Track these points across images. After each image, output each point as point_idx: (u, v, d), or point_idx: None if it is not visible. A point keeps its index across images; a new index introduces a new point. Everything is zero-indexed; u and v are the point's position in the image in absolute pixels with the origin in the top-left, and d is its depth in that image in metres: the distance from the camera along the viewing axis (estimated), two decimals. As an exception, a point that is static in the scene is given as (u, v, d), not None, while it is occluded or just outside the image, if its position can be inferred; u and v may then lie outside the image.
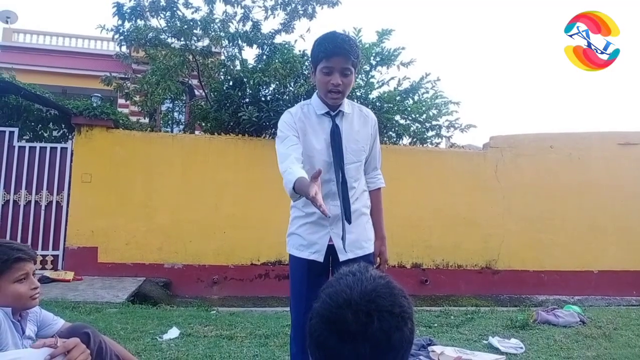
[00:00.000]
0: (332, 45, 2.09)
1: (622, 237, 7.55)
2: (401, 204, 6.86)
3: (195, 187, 6.91)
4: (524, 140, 7.74)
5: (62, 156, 6.81)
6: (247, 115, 6.89)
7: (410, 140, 8.48)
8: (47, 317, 2.15)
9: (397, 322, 0.92)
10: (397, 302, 0.94)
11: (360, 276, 0.98)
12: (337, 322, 0.91)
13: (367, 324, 0.89)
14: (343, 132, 2.21)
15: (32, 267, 1.96)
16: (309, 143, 2.19)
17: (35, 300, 1.96)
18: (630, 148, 7.78)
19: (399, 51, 7.97)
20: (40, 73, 13.36)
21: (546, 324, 4.33)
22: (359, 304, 0.91)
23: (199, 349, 3.44)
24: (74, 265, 6.45)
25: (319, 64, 2.13)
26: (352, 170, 2.21)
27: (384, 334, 0.90)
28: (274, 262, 6.88)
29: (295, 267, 2.27)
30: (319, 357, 0.95)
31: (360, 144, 2.25)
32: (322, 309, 0.96)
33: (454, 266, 7.33)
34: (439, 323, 4.52)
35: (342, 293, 0.94)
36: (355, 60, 2.13)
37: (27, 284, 1.91)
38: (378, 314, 0.90)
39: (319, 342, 0.94)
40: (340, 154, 2.17)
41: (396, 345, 0.91)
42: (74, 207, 6.64)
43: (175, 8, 7.72)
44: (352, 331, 0.89)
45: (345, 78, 2.12)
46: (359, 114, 2.32)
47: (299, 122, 2.22)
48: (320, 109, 2.23)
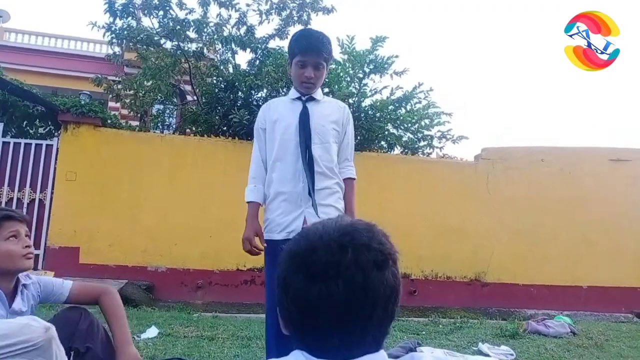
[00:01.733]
0: (307, 42, 2.33)
1: (612, 253, 7.50)
2: (391, 212, 6.77)
3: (183, 189, 6.78)
4: (515, 153, 7.71)
5: (47, 153, 6.65)
6: (238, 117, 6.80)
7: (402, 150, 8.44)
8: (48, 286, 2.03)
9: (375, 257, 0.79)
10: (377, 237, 0.83)
11: (337, 218, 0.87)
12: (305, 256, 0.80)
13: (340, 256, 0.77)
14: (312, 114, 2.38)
15: (24, 228, 1.90)
16: (278, 126, 2.39)
17: (29, 260, 1.88)
18: (621, 164, 7.77)
19: (393, 59, 7.95)
20: (31, 73, 13.17)
21: (536, 334, 4.25)
22: (331, 235, 0.80)
23: (177, 348, 3.31)
24: (55, 265, 6.25)
25: (294, 57, 2.35)
26: (318, 150, 2.34)
27: (359, 270, 0.77)
28: (260, 268, 6.71)
29: (270, 251, 2.39)
30: (286, 303, 0.82)
31: (328, 126, 2.40)
32: (290, 246, 0.85)
33: (443, 277, 7.23)
34: (427, 331, 4.42)
35: (314, 229, 0.84)
36: (327, 56, 2.36)
37: (18, 243, 1.85)
38: (353, 246, 0.79)
39: (285, 283, 0.82)
40: (307, 133, 2.33)
41: (375, 288, 0.78)
42: (57, 205, 6.47)
43: (168, 7, 7.66)
44: (322, 265, 0.77)
45: (317, 71, 2.34)
46: (334, 104, 2.56)
47: (269, 113, 2.46)
48: (294, 95, 2.45)
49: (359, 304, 0.78)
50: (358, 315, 0.78)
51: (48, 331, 1.63)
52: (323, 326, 0.79)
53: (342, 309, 0.77)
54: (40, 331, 1.61)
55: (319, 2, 8.19)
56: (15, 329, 1.59)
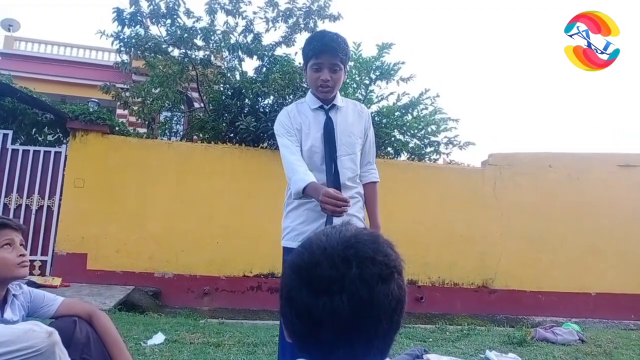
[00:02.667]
0: (321, 43, 2.20)
1: (621, 260, 7.44)
2: (398, 219, 6.76)
3: (190, 196, 6.80)
4: (522, 159, 7.68)
5: (56, 160, 6.71)
6: (245, 124, 6.82)
7: (408, 156, 8.43)
8: (38, 298, 2.04)
9: (380, 270, 0.77)
10: (382, 249, 0.80)
11: (341, 227, 0.85)
12: (309, 270, 0.78)
13: (344, 270, 0.76)
14: (337, 125, 2.28)
15: (18, 237, 1.91)
16: (305, 138, 2.27)
17: (25, 268, 1.89)
18: (630, 170, 7.72)
19: (399, 66, 7.98)
20: (40, 81, 13.28)
21: (544, 341, 4.21)
22: (335, 249, 0.78)
23: (183, 354, 3.31)
24: (63, 271, 6.29)
25: (309, 61, 2.23)
26: (345, 162, 2.25)
27: (364, 284, 0.76)
28: (267, 274, 6.74)
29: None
30: (289, 315, 0.81)
31: (353, 137, 2.30)
32: (293, 258, 0.83)
33: (450, 284, 7.19)
34: (434, 338, 4.39)
35: (317, 241, 0.82)
36: (343, 57, 2.21)
37: (13, 252, 1.86)
38: (357, 260, 0.77)
39: (289, 297, 0.81)
40: (333, 145, 2.24)
41: (380, 302, 0.77)
42: (65, 212, 6.52)
43: (175, 16, 7.73)
44: (325, 280, 0.76)
45: (334, 74, 2.21)
46: (353, 108, 2.40)
47: (294, 119, 2.30)
48: (314, 104, 2.31)
49: (363, 318, 0.76)
50: (363, 329, 0.77)
51: (51, 336, 1.63)
52: (327, 340, 0.78)
53: (347, 324, 0.76)
54: (43, 336, 1.61)
55: (325, 10, 8.24)
56: (18, 334, 1.59)
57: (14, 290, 1.97)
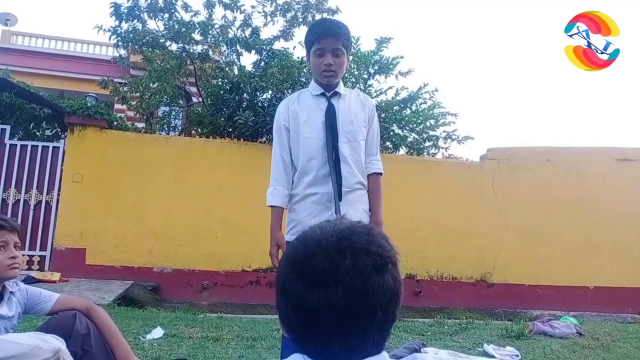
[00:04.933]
0: (322, 27, 2.21)
1: (618, 254, 7.46)
2: (397, 213, 6.76)
3: (188, 191, 6.80)
4: (521, 153, 7.68)
5: (54, 155, 6.70)
6: (244, 119, 6.81)
7: (407, 150, 8.43)
8: (34, 295, 2.06)
9: (374, 261, 0.78)
10: (375, 241, 0.81)
11: (335, 221, 0.86)
12: (303, 262, 0.79)
13: (339, 262, 0.76)
14: (339, 112, 2.24)
15: (12, 238, 1.91)
16: (301, 126, 2.24)
17: (14, 270, 1.90)
18: (628, 164, 7.73)
19: (398, 60, 7.95)
20: (38, 75, 13.25)
21: (542, 334, 4.23)
22: (329, 241, 0.79)
23: (182, 348, 3.32)
24: (61, 266, 6.30)
25: (311, 47, 2.21)
26: (347, 149, 2.22)
27: (358, 275, 0.76)
28: (266, 269, 6.74)
29: None
30: (285, 308, 0.82)
31: (356, 125, 2.27)
32: (288, 251, 0.85)
33: (449, 278, 7.21)
34: (432, 332, 4.41)
35: (311, 234, 0.83)
36: (345, 42, 2.20)
37: (5, 253, 1.86)
38: (351, 251, 0.77)
39: (284, 289, 0.81)
40: (335, 133, 2.20)
41: (375, 293, 0.77)
42: (64, 207, 6.51)
43: (173, 10, 7.70)
44: (320, 271, 0.77)
45: (337, 58, 2.18)
46: (357, 98, 2.37)
47: (291, 108, 2.29)
48: (316, 90, 2.28)
49: (359, 309, 0.77)
50: (358, 320, 0.77)
51: (58, 353, 1.64)
52: (323, 332, 0.78)
53: (342, 315, 0.76)
54: (49, 354, 1.62)
55: (323, 4, 8.22)
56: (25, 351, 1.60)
57: (10, 287, 1.99)
